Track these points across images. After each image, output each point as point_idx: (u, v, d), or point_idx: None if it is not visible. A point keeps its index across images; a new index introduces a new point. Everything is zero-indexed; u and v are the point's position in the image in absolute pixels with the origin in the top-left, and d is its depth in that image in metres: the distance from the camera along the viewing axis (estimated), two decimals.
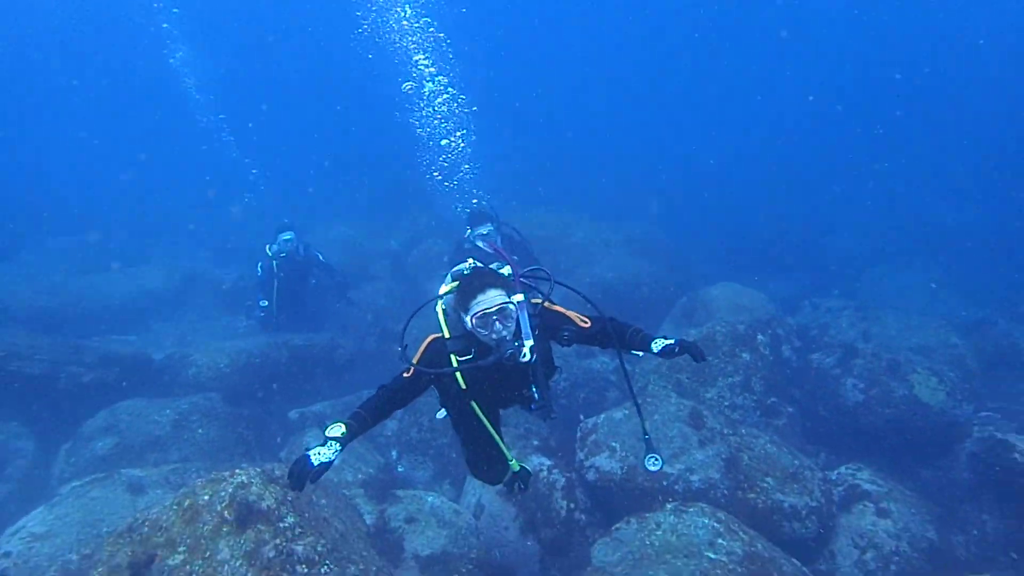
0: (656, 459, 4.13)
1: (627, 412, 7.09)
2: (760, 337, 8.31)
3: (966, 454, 6.81)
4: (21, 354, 7.68)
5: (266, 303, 10.61)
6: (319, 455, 3.23)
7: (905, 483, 6.81)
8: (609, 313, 3.95)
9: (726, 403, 7.78)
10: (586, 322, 3.86)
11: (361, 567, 5.38)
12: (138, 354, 9.07)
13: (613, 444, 6.84)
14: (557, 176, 20.89)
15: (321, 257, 11.07)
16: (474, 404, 3.83)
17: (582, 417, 7.55)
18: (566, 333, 3.81)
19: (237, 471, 5.44)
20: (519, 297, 3.60)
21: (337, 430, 3.38)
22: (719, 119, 31.18)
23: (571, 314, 3.89)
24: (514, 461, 4.10)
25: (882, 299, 12.95)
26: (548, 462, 7.15)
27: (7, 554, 5.38)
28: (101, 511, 5.86)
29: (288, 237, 10.51)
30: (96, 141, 28.30)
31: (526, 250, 8.75)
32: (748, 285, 11.22)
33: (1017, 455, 5.87)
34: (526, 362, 3.52)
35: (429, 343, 3.75)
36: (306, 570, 5.06)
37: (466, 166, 11.56)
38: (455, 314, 3.73)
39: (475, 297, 3.53)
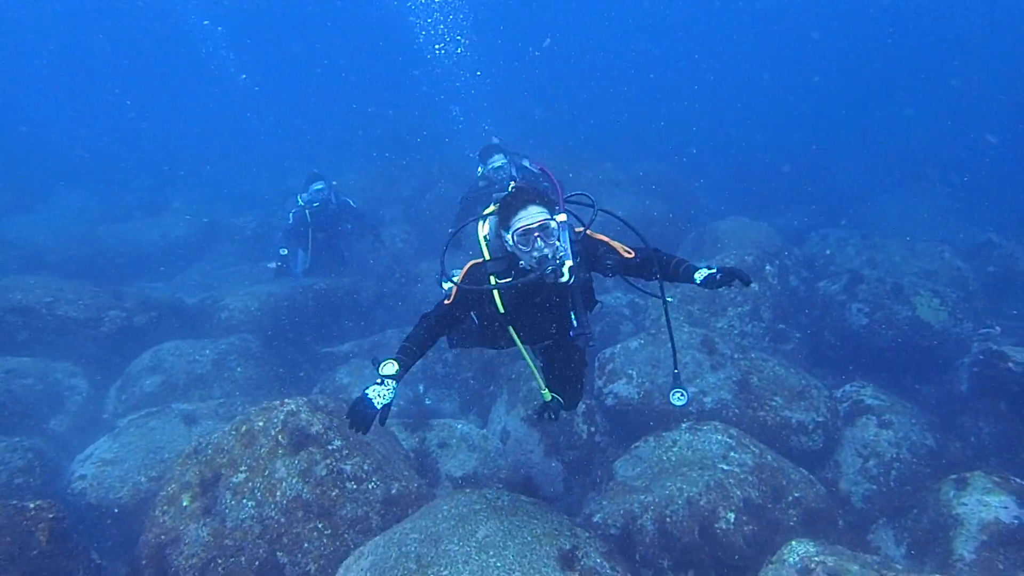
0: (682, 394, 4.06)
1: (642, 342, 7.48)
2: (768, 268, 8.64)
3: (965, 368, 7.22)
4: (67, 299, 8.11)
5: (285, 251, 10.82)
6: (379, 396, 3.25)
7: (907, 399, 7.24)
8: (653, 244, 3.85)
9: (736, 331, 8.17)
10: (630, 252, 3.77)
11: (403, 484, 5.89)
12: (173, 299, 9.51)
13: (630, 372, 7.25)
14: (569, 121, 20.91)
15: (352, 203, 11.19)
16: (512, 330, 3.77)
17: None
18: (609, 262, 3.73)
19: (286, 400, 5.90)
20: (562, 217, 3.53)
21: (390, 368, 3.40)
22: (726, 55, 30.75)
23: (615, 244, 3.81)
24: (546, 391, 4.04)
25: (887, 228, 13.23)
26: None
27: (83, 476, 5.91)
28: (161, 440, 6.37)
29: (320, 187, 10.61)
30: (109, 94, 28.27)
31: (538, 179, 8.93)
32: (755, 218, 11.49)
33: (1012, 364, 6.26)
34: (564, 283, 3.49)
35: (469, 267, 3.72)
36: (355, 486, 5.57)
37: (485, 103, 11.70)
38: (497, 238, 3.68)
39: (517, 213, 3.46)
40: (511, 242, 3.51)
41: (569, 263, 3.48)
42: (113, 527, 5.63)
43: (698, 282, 3.69)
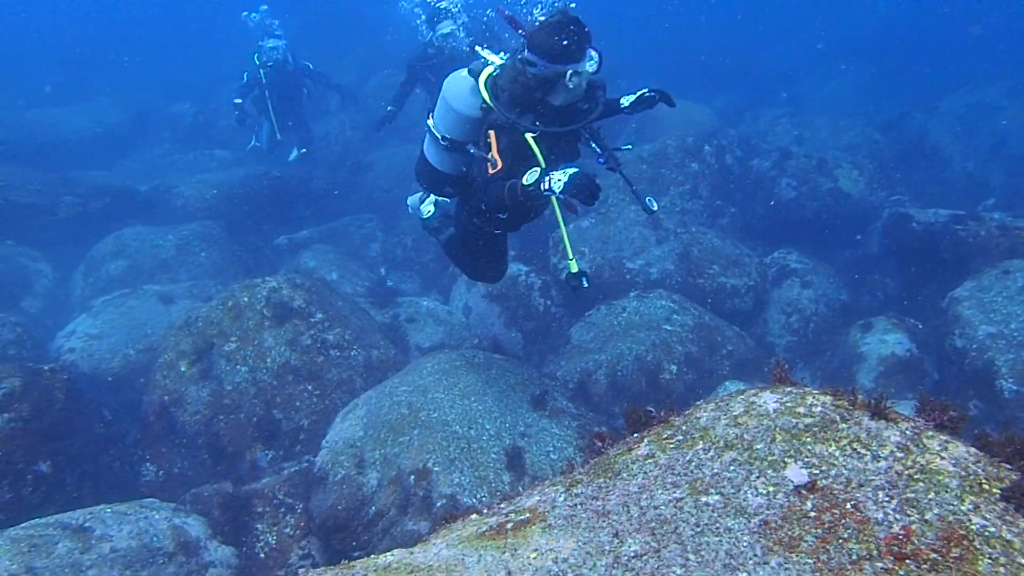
0: (651, 199, 4.06)
1: (593, 221, 8.04)
2: (707, 148, 9.21)
3: (875, 231, 8.14)
4: (14, 185, 8.00)
5: (239, 100, 10.01)
6: (562, 174, 3.37)
7: (826, 262, 8.12)
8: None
9: (677, 208, 8.81)
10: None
11: (381, 352, 6.45)
12: (124, 185, 9.45)
13: (583, 248, 7.84)
14: None
15: (311, 66, 10.46)
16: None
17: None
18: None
19: (267, 278, 6.28)
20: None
21: (534, 172, 3.47)
22: None
23: None
24: (573, 260, 4.00)
25: (815, 105, 13.94)
26: (525, 268, 8.14)
27: (72, 349, 6.23)
28: (141, 317, 6.68)
29: (274, 44, 9.75)
30: None
31: (496, 37, 8.45)
32: (694, 101, 11.94)
33: (915, 224, 7.13)
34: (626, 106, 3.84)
35: (494, 135, 3.65)
36: (338, 353, 6.10)
37: None
38: (525, 87, 3.55)
39: (576, 57, 3.41)
40: (566, 81, 3.43)
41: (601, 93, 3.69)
42: (107, 394, 6.02)
43: (625, 107, 3.94)
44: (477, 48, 4.14)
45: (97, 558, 4.10)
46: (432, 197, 5.15)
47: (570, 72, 3.41)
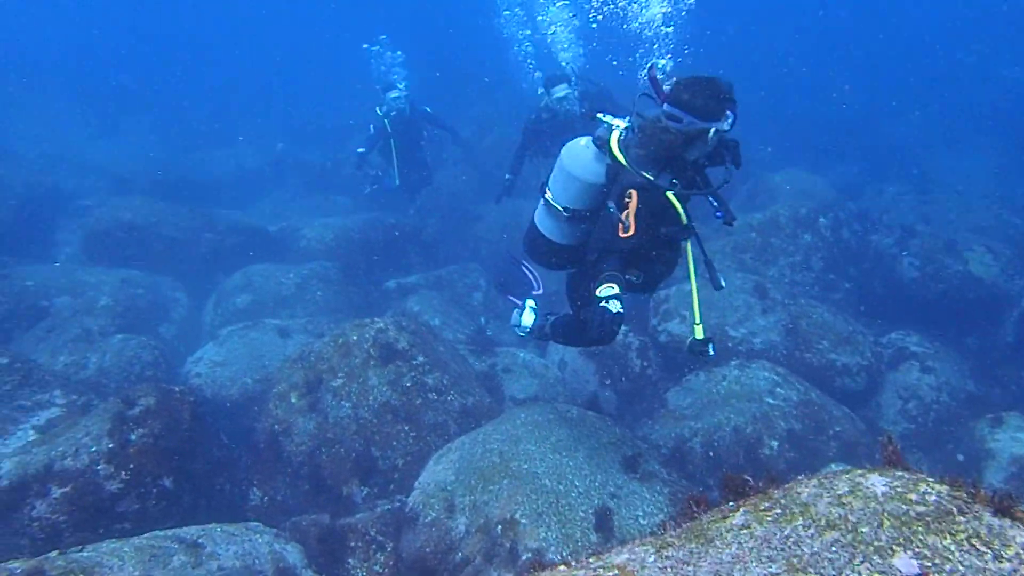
0: (721, 277, 4.08)
1: (697, 285, 7.94)
2: (822, 220, 8.94)
3: (1012, 321, 7.55)
4: (169, 221, 8.91)
5: (377, 173, 10.83)
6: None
7: (951, 348, 7.60)
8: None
9: (786, 280, 8.56)
10: None
11: (477, 399, 6.58)
12: (256, 225, 10.27)
13: (683, 312, 7.74)
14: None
15: (429, 110, 11.00)
16: (692, 243, 3.89)
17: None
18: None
19: (375, 319, 6.60)
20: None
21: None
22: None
23: None
24: (700, 326, 3.94)
25: (944, 183, 13.23)
26: (624, 327, 8.14)
27: (199, 375, 6.76)
28: (261, 348, 7.16)
29: (396, 95, 10.40)
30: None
31: (611, 101, 8.72)
32: (811, 171, 11.66)
33: None
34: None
35: (636, 196, 3.59)
36: (436, 397, 6.27)
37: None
38: (664, 146, 3.60)
39: (719, 117, 3.42)
40: (709, 137, 3.45)
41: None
42: (225, 419, 6.46)
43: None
44: (599, 115, 4.09)
45: (205, 574, 4.35)
46: (529, 304, 5.30)
47: (713, 129, 3.43)
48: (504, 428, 5.18)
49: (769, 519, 1.96)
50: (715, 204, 3.81)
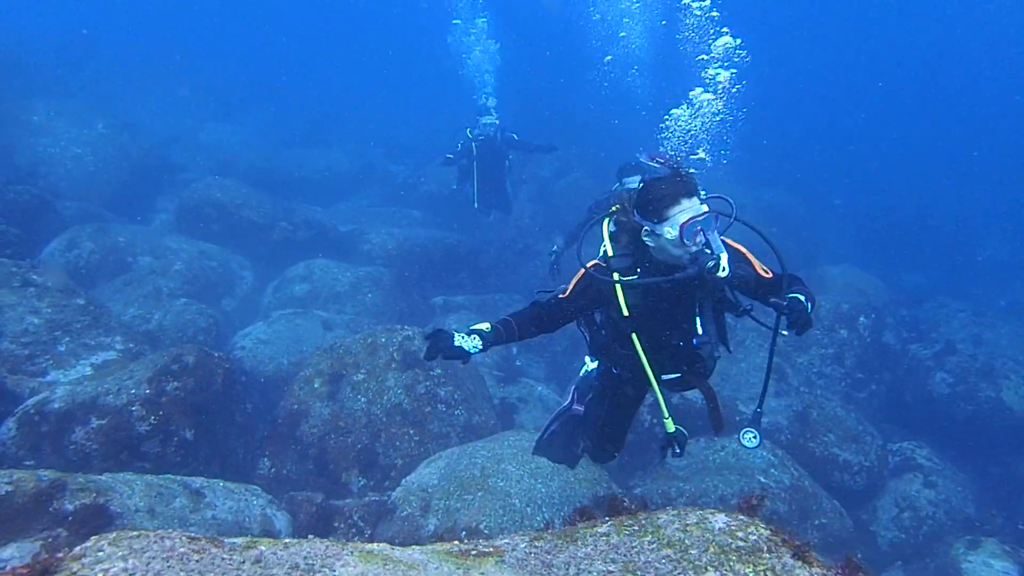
0: (755, 435, 3.65)
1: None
2: (862, 319, 8.98)
3: None
4: (252, 205, 9.84)
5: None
6: (463, 340, 3.27)
7: (966, 471, 7.49)
8: (792, 270, 3.36)
9: (814, 370, 8.64)
10: (767, 272, 3.35)
11: (483, 418, 7.00)
12: (329, 223, 11.12)
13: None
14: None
15: (516, 137, 11.21)
16: (635, 337, 3.38)
17: None
18: (742, 273, 3.26)
19: (405, 327, 7.15)
20: (703, 208, 3.12)
21: (484, 327, 3.37)
22: (878, 97, 29.41)
23: (752, 257, 3.40)
24: (670, 419, 3.56)
25: (1018, 313, 12.82)
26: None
27: (243, 348, 7.48)
28: (303, 335, 7.84)
29: (489, 121, 10.77)
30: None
31: None
32: (873, 270, 11.63)
33: None
34: (724, 277, 3.06)
35: (591, 265, 3.38)
36: (445, 408, 6.74)
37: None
38: (628, 232, 3.38)
39: (679, 203, 3.09)
40: (669, 236, 3.10)
41: (725, 256, 3.07)
42: (255, 392, 7.11)
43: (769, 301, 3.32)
44: None
45: (200, 519, 4.89)
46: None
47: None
48: (492, 447, 5.58)
49: (627, 533, 2.32)
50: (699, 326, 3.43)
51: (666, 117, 7.53)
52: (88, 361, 6.39)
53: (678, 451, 3.59)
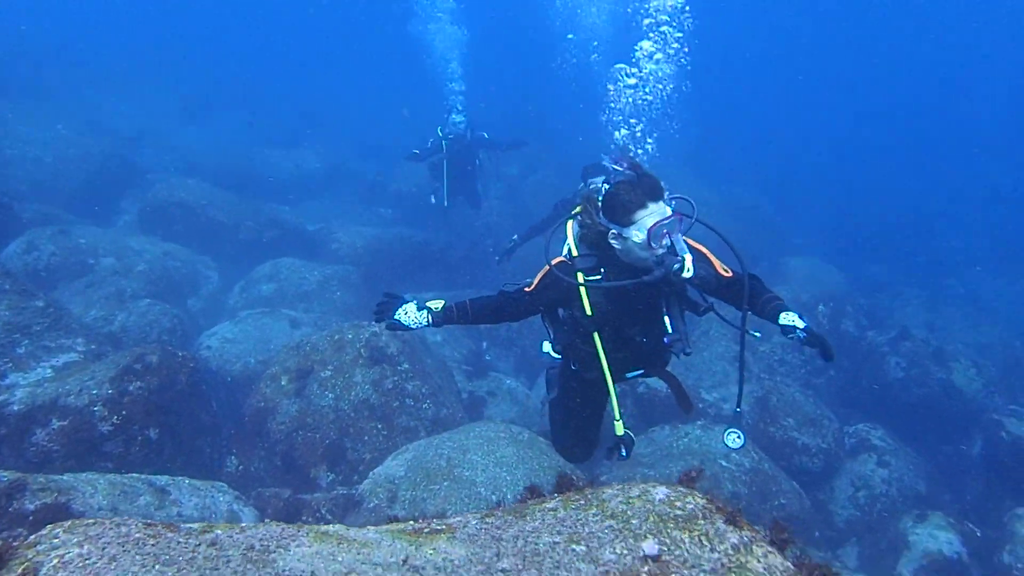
0: (739, 435, 3.62)
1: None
2: (821, 308, 9.26)
3: (979, 435, 7.69)
4: (217, 205, 9.79)
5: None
6: (406, 314, 3.44)
7: (918, 451, 7.76)
8: (751, 267, 3.45)
9: (776, 357, 8.87)
10: (727, 272, 3.43)
11: (450, 411, 7.08)
12: (297, 223, 11.10)
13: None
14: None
15: (487, 135, 11.27)
16: (596, 337, 3.43)
17: None
18: (704, 274, 3.33)
19: (372, 323, 7.16)
20: (668, 211, 3.16)
21: (437, 304, 3.49)
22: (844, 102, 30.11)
23: (712, 257, 3.47)
24: (620, 422, 3.61)
25: (971, 300, 13.25)
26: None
27: (209, 347, 7.45)
28: (270, 334, 7.83)
29: (459, 119, 10.88)
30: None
31: None
32: (834, 262, 11.94)
33: (1004, 433, 6.76)
34: (687, 279, 3.14)
35: (556, 263, 3.39)
36: (412, 403, 6.80)
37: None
38: (593, 233, 3.36)
39: (646, 207, 3.12)
40: (637, 239, 3.13)
41: (689, 257, 3.13)
42: (222, 391, 7.10)
43: (779, 323, 3.35)
44: None
45: (165, 517, 4.88)
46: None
47: None
48: (458, 437, 5.66)
49: (573, 507, 2.43)
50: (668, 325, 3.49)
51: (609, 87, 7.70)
52: (49, 363, 6.33)
53: (624, 455, 3.72)
